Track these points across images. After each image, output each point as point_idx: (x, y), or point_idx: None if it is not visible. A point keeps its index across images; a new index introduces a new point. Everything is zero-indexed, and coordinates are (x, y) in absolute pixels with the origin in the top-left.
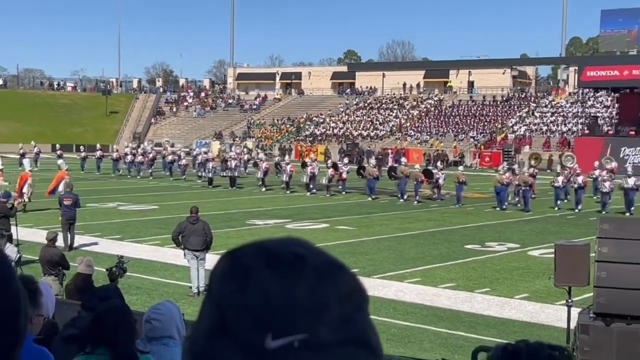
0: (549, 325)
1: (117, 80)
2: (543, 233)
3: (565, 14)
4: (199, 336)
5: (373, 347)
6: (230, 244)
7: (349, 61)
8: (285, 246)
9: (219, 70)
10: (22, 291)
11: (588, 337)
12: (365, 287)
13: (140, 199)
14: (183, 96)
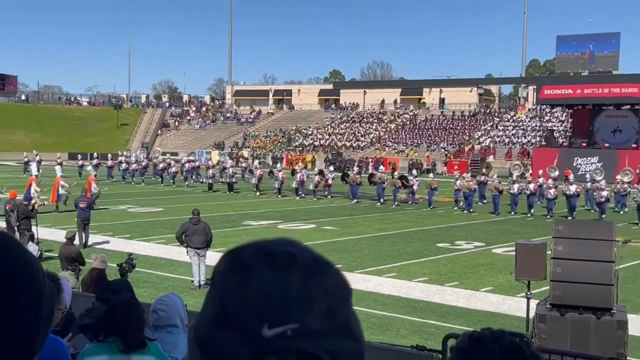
0: (510, 315)
1: (127, 96)
2: (505, 233)
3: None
4: (203, 325)
5: (356, 336)
6: (228, 242)
7: (334, 80)
8: (280, 246)
9: (218, 87)
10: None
11: (545, 326)
12: (349, 282)
13: (147, 202)
14: (186, 110)
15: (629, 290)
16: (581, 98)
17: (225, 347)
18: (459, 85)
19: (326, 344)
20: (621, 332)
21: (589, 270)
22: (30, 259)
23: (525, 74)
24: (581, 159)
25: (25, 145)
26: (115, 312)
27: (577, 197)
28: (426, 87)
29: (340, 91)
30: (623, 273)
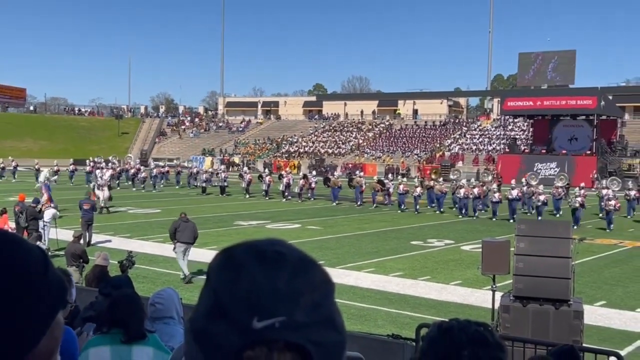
0: (477, 306)
1: (128, 107)
2: (473, 232)
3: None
4: (199, 317)
5: (338, 328)
6: (220, 241)
7: (317, 92)
8: (269, 245)
9: (211, 99)
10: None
11: (509, 316)
12: (332, 278)
13: (146, 204)
14: (182, 120)
15: (584, 283)
16: (541, 109)
17: (218, 338)
18: (431, 98)
19: (311, 335)
20: (577, 322)
21: (548, 265)
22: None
23: (490, 88)
24: (541, 165)
25: (33, 152)
26: (118, 306)
27: (519, 200)
28: (401, 99)
29: (322, 103)
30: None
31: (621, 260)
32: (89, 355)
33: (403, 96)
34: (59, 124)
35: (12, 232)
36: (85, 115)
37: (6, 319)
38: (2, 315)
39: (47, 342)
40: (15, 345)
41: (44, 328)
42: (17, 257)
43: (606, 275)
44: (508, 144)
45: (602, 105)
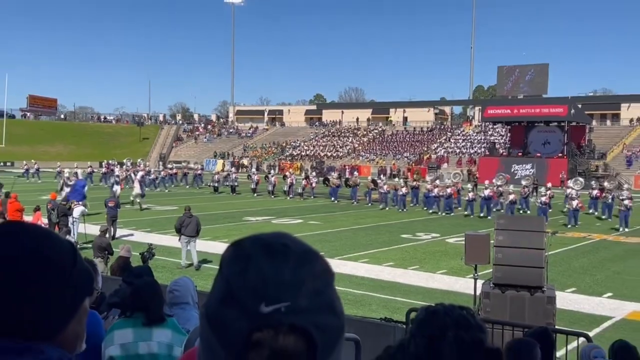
0: (461, 293)
1: (148, 115)
2: (457, 226)
3: (472, 68)
4: (212, 303)
5: (338, 313)
6: (230, 234)
7: (318, 102)
8: (276, 238)
9: (222, 108)
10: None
11: (489, 301)
12: (332, 268)
13: (164, 202)
14: (196, 127)
15: (556, 272)
16: (517, 116)
17: (229, 321)
18: (419, 106)
19: (313, 319)
20: (550, 306)
21: (524, 256)
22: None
23: (472, 97)
24: (518, 166)
25: (63, 156)
26: (140, 293)
27: (491, 199)
28: (392, 107)
29: (322, 111)
30: (551, 258)
31: (589, 251)
32: (114, 336)
33: (394, 105)
34: (87, 131)
35: (45, 227)
36: (110, 122)
37: (39, 304)
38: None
39: (75, 325)
40: (48, 326)
41: (73, 312)
42: (49, 250)
43: (576, 265)
44: (488, 147)
45: (572, 113)
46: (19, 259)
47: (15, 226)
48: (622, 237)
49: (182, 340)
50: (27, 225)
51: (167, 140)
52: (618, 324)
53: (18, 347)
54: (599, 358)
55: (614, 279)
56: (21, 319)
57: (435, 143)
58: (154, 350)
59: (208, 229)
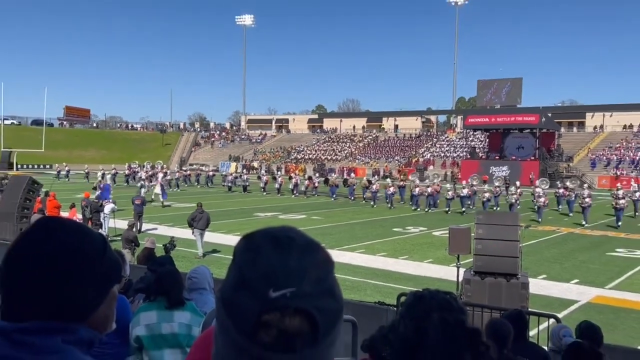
0: (446, 279)
1: (170, 123)
2: (441, 221)
3: (455, 81)
4: (227, 289)
5: (337, 297)
6: (242, 228)
7: (319, 111)
8: (282, 231)
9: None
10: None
11: (470, 287)
12: (332, 258)
13: (184, 199)
14: (212, 133)
15: (529, 261)
16: (495, 124)
17: (241, 305)
18: (408, 115)
19: (315, 303)
20: (524, 291)
21: (501, 247)
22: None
23: (455, 107)
24: (495, 168)
25: (96, 160)
26: (162, 279)
27: (469, 197)
28: (385, 116)
29: (323, 119)
30: (525, 249)
31: (558, 243)
32: (140, 318)
33: (386, 114)
34: (116, 137)
35: (79, 222)
36: (136, 130)
37: (74, 289)
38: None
39: (105, 308)
40: (81, 309)
41: (103, 297)
42: (82, 242)
43: (547, 255)
44: (469, 151)
45: (543, 121)
46: (56, 250)
47: (52, 221)
48: (587, 230)
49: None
50: (63, 220)
51: (186, 146)
52: (584, 306)
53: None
54: (567, 337)
55: (580, 267)
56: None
57: (423, 148)
58: (175, 330)
59: (223, 223)
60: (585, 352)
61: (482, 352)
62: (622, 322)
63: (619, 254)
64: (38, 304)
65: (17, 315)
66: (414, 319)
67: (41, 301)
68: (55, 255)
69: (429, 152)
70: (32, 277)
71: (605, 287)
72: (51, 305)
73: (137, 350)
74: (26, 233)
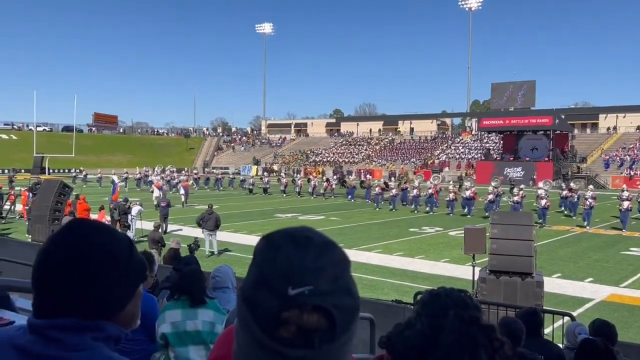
0: (461, 278)
1: (193, 128)
2: (457, 221)
3: (469, 85)
4: (247, 287)
5: (353, 294)
6: (263, 229)
7: (336, 115)
8: (301, 231)
9: (256, 121)
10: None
11: (485, 285)
12: (349, 257)
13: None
14: (234, 138)
15: (543, 260)
16: (509, 126)
17: (261, 302)
18: (424, 119)
19: (333, 300)
20: (539, 290)
21: (516, 246)
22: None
23: (469, 110)
24: (509, 169)
25: (122, 164)
26: (186, 278)
27: (472, 199)
28: (400, 120)
29: (341, 123)
30: (539, 248)
31: (572, 242)
32: (165, 316)
33: (402, 117)
34: (142, 142)
35: (107, 224)
36: (161, 135)
37: (102, 288)
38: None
39: (132, 306)
40: (109, 307)
41: (130, 296)
42: (110, 243)
43: (561, 254)
44: (484, 153)
45: (557, 122)
46: (85, 250)
47: (82, 223)
48: (601, 229)
49: (222, 319)
50: (92, 222)
51: (209, 150)
52: (598, 304)
53: (84, 324)
54: (582, 334)
55: (594, 266)
56: (87, 301)
57: (438, 150)
58: (199, 327)
59: (245, 224)
60: (599, 350)
61: (497, 348)
62: (636, 320)
63: (633, 253)
64: (68, 303)
65: (48, 313)
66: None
67: (71, 300)
68: (85, 255)
69: (444, 154)
70: (63, 276)
71: (619, 285)
72: (81, 304)
73: (163, 346)
74: (57, 234)
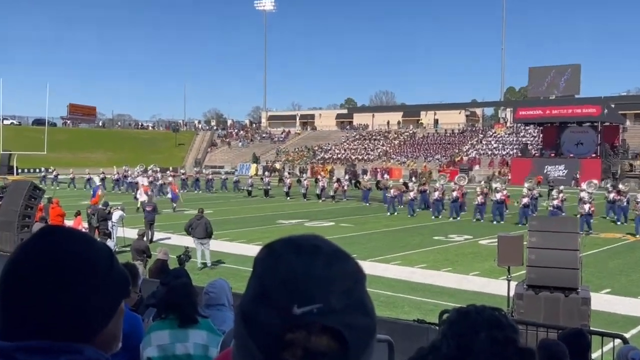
0: (494, 294)
1: (183, 121)
2: (489, 228)
3: (503, 69)
4: (246, 302)
5: (369, 312)
6: (264, 237)
7: (348, 106)
8: (307, 239)
9: (255, 113)
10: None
11: (522, 303)
12: (363, 269)
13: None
14: (230, 132)
15: (590, 273)
16: (550, 117)
17: (262, 320)
18: (450, 109)
19: (345, 319)
20: (585, 307)
21: (558, 257)
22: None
23: (503, 99)
24: (550, 167)
25: (102, 162)
26: (174, 293)
27: (503, 203)
28: (423, 110)
29: (353, 115)
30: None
31: (624, 252)
32: (151, 338)
33: (425, 108)
34: (124, 137)
35: (84, 232)
36: (146, 129)
37: (79, 305)
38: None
39: (113, 326)
40: (87, 327)
41: (111, 314)
42: (87, 253)
43: (610, 266)
44: (520, 148)
45: (605, 113)
46: (58, 262)
47: (56, 230)
48: None
49: (217, 341)
50: (67, 229)
51: (202, 146)
52: None
53: (59, 346)
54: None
55: None
56: (62, 320)
57: (467, 145)
58: (190, 351)
59: (242, 231)
60: None
61: None
62: None
63: None
64: (40, 322)
65: (17, 334)
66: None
67: (44, 319)
68: (59, 268)
69: (474, 150)
70: (34, 292)
71: None
72: (55, 323)
73: None
74: (27, 244)
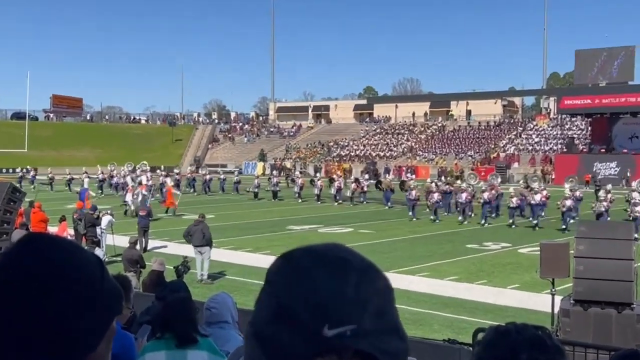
0: (536, 311)
1: (181, 114)
2: (530, 234)
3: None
4: (261, 323)
5: (402, 335)
6: (273, 245)
7: (368, 95)
8: (331, 250)
9: (262, 104)
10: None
11: (569, 320)
12: (391, 284)
13: (200, 210)
14: (233, 126)
15: None
16: (599, 107)
17: (285, 343)
18: (484, 98)
19: (379, 343)
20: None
21: (609, 267)
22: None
23: (546, 86)
24: (600, 164)
25: (89, 161)
26: (170, 309)
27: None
28: (453, 100)
29: (373, 105)
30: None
31: None
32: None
33: (456, 97)
34: (115, 132)
35: (71, 241)
36: (140, 122)
37: (66, 323)
38: (62, 319)
39: (102, 347)
40: (75, 349)
41: (101, 333)
42: (75, 265)
43: None
44: (565, 143)
45: None
46: (41, 275)
47: (39, 237)
48: None
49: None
50: (51, 237)
51: (202, 142)
52: None
53: None
54: None
55: None
56: (46, 340)
57: (504, 139)
58: None
59: (248, 239)
60: None
61: None
62: None
63: None
64: (22, 343)
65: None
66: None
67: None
68: (40, 281)
69: (512, 145)
70: (14, 308)
71: None
72: (38, 344)
73: None
74: (6, 254)
